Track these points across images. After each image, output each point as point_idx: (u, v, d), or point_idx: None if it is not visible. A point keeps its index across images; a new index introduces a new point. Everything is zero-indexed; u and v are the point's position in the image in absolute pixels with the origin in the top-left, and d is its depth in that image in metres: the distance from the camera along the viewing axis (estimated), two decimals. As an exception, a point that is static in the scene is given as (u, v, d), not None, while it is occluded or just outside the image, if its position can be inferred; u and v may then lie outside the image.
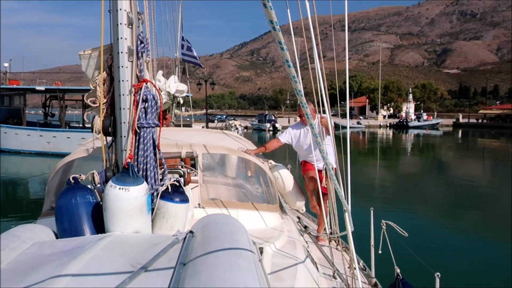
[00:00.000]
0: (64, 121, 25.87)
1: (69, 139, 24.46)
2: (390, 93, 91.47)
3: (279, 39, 1.70)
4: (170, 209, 2.70)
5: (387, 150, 37.40)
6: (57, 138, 24.52)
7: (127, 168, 2.60)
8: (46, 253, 2.15)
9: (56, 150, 24.07)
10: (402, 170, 26.06)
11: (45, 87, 26.00)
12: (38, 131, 24.99)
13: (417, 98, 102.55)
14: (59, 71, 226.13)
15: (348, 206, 2.92)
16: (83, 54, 2.77)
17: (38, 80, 29.49)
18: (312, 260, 3.48)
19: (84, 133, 25.34)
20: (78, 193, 2.67)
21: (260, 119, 59.13)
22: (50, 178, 3.89)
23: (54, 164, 4.02)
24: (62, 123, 25.57)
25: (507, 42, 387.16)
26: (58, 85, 26.13)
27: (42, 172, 19.98)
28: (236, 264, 1.74)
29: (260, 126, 55.75)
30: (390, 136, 54.27)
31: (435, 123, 75.66)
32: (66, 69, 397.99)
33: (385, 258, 4.01)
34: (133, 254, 2.02)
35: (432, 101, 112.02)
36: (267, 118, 58.01)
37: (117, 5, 2.65)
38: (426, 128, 67.54)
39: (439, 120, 79.01)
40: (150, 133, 2.75)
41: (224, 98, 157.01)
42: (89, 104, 2.74)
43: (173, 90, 5.99)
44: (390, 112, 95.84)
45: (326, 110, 3.34)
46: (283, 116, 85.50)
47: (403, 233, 3.92)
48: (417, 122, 72.35)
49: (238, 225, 2.29)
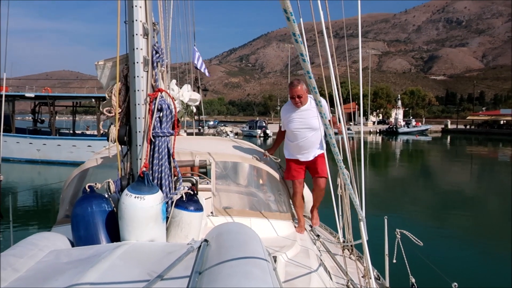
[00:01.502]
0: (55, 128, 25.61)
1: (59, 147, 24.19)
2: (379, 99, 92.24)
3: (301, 51, 1.72)
4: (184, 218, 2.72)
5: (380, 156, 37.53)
6: (47, 146, 24.21)
7: (142, 176, 2.63)
8: (63, 261, 2.17)
9: (46, 158, 23.80)
10: (403, 176, 25.97)
11: (35, 93, 25.72)
12: (27, 138, 24.67)
13: (406, 104, 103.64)
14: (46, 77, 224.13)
15: (363, 214, 2.92)
16: (99, 64, 2.80)
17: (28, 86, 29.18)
18: (326, 269, 3.47)
19: (75, 140, 25.12)
20: (94, 202, 2.69)
21: (251, 126, 59.07)
22: (65, 187, 3.89)
23: (45, 171, 4.01)
24: (52, 130, 25.29)
25: (492, 49, 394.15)
26: (48, 91, 25.89)
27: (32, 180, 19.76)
28: (252, 273, 1.74)
29: (251, 132, 55.73)
30: (380, 142, 54.54)
31: (424, 129, 76.47)
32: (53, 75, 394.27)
33: (399, 267, 3.97)
34: (149, 263, 2.03)
35: (420, 107, 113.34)
36: (258, 125, 57.97)
37: (133, 16, 2.69)
38: (415, 134, 68.21)
39: (428, 126, 79.87)
40: (165, 142, 2.78)
41: (213, 104, 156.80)
42: (104, 113, 2.76)
43: (187, 99, 6.02)
44: (380, 118, 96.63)
45: (339, 115, 3.35)
46: (273, 122, 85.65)
47: (418, 242, 3.87)
48: (406, 128, 73.01)
49: (252, 234, 2.30)
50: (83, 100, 29.49)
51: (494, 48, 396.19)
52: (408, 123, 76.61)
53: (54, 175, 20.18)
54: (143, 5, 2.70)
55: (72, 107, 29.43)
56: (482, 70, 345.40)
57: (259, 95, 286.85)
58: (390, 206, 15.01)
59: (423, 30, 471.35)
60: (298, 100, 4.27)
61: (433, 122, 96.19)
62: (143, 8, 2.71)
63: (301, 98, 4.26)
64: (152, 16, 2.80)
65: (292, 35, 1.63)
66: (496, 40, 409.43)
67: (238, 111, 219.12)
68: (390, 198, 17.61)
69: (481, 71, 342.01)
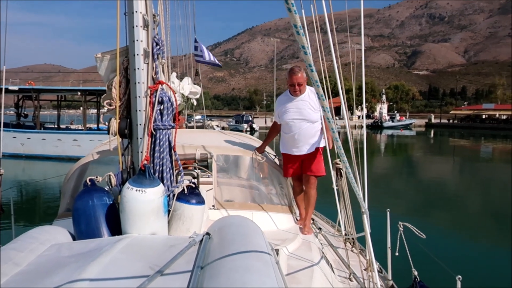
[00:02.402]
0: (39, 122, 25.15)
1: (44, 141, 23.80)
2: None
3: (303, 44, 1.69)
4: (186, 211, 2.72)
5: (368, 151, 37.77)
6: (32, 140, 23.80)
7: (144, 170, 2.61)
8: (64, 255, 2.15)
9: (30, 152, 23.38)
10: (393, 168, 26.11)
11: (19, 86, 25.19)
12: (11, 132, 24.19)
13: (390, 99, 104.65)
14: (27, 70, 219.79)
15: (366, 207, 2.93)
16: (99, 56, 2.76)
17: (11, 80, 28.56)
18: (328, 262, 3.48)
19: (60, 134, 24.70)
20: (95, 195, 2.67)
21: (237, 120, 58.96)
22: (65, 180, 3.85)
23: (29, 167, 3.96)
24: (37, 124, 24.84)
25: (473, 44, 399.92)
26: (32, 84, 25.39)
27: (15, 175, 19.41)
28: (254, 267, 1.74)
29: (237, 126, 55.63)
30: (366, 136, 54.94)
31: (408, 123, 77.44)
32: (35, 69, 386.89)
33: (402, 260, 3.94)
34: (151, 256, 2.03)
35: (404, 102, 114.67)
36: (244, 119, 57.91)
37: (132, 7, 2.66)
38: (400, 128, 69.03)
39: (412, 121, 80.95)
40: (166, 135, 2.77)
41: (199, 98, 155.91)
42: (105, 106, 2.73)
43: (187, 92, 5.97)
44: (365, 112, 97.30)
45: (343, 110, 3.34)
46: (258, 116, 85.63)
47: (420, 235, 3.83)
48: (391, 122, 73.86)
49: (254, 227, 2.31)
50: (68, 94, 29.00)
51: (476, 43, 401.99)
52: (393, 117, 77.47)
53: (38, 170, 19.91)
54: None
55: (57, 101, 28.89)
56: (464, 66, 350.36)
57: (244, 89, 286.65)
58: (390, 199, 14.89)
59: (406, 26, 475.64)
60: (297, 88, 4.03)
61: (416, 116, 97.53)
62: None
63: (301, 86, 4.03)
64: (152, 8, 2.77)
65: (293, 26, 1.60)
66: (477, 36, 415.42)
67: (223, 105, 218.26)
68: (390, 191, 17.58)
69: (463, 66, 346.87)
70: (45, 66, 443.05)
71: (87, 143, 22.31)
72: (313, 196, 4.22)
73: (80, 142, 22.75)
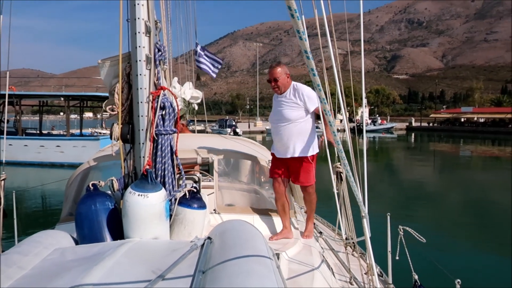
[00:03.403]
0: (21, 128, 24.67)
1: (26, 147, 23.35)
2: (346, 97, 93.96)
3: (305, 49, 1.72)
4: (188, 215, 2.75)
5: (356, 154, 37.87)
6: (14, 146, 23.32)
7: (146, 174, 2.64)
8: (68, 259, 2.16)
9: (12, 159, 22.90)
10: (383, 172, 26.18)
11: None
12: None
13: (371, 103, 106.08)
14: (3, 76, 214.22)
15: (366, 211, 2.93)
16: (101, 62, 2.78)
17: None
18: (328, 266, 3.49)
19: (43, 140, 24.24)
20: (98, 200, 2.68)
21: (220, 124, 58.93)
22: (68, 185, 3.84)
23: (10, 173, 3.93)
24: (19, 130, 24.37)
25: (451, 49, 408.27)
26: (13, 90, 24.92)
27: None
28: (256, 271, 1.75)
29: (221, 131, 55.50)
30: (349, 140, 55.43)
31: (389, 127, 78.49)
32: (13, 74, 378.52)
33: (402, 264, 3.94)
34: (153, 261, 2.04)
35: (385, 106, 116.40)
36: (227, 123, 57.92)
37: (135, 14, 2.69)
38: (382, 132, 69.89)
39: (394, 124, 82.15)
40: (168, 139, 2.79)
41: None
42: (107, 112, 2.75)
43: (188, 96, 5.97)
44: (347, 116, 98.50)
45: (342, 111, 3.36)
46: (241, 121, 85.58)
47: (421, 239, 3.82)
48: (373, 126, 74.72)
49: (255, 232, 2.33)
50: (51, 99, 28.53)
51: (453, 48, 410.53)
52: (374, 121, 78.40)
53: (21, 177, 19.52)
54: (145, 3, 2.71)
55: (39, 106, 28.40)
56: (442, 70, 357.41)
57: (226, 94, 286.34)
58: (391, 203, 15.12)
59: (385, 30, 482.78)
60: (274, 84, 3.80)
61: (397, 120, 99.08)
62: (145, 6, 2.71)
63: (277, 81, 3.78)
64: (155, 14, 2.81)
65: (296, 32, 1.63)
66: (455, 41, 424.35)
67: (206, 110, 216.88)
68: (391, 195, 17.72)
69: (441, 70, 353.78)
70: (23, 71, 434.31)
71: (70, 149, 22.00)
72: (313, 202, 4.03)
73: (63, 148, 22.43)
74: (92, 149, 21.65)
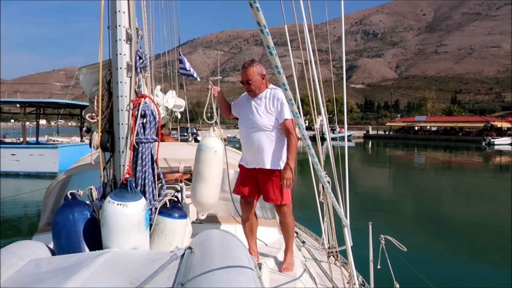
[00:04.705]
0: None
1: None
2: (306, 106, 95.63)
3: (276, 64, 1.68)
4: (168, 225, 2.70)
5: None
6: None
7: (125, 183, 2.59)
8: (43, 270, 2.09)
9: None
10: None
11: None
12: None
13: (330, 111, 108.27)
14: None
15: (347, 221, 2.99)
16: (81, 70, 2.73)
17: None
18: (311, 275, 3.48)
19: (16, 149, 22.92)
20: (76, 209, 2.60)
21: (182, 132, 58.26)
22: (47, 194, 3.70)
23: None
24: None
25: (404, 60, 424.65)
26: None
27: None
28: (236, 281, 1.75)
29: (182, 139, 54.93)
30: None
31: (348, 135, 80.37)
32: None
33: (384, 273, 3.96)
34: (132, 271, 2.01)
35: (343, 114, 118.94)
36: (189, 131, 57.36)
37: (116, 21, 2.65)
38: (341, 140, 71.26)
39: (352, 132, 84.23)
40: (148, 148, 2.75)
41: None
42: (87, 120, 2.70)
43: (171, 105, 5.86)
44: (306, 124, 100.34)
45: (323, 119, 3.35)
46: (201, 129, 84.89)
47: (402, 248, 3.82)
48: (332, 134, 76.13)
49: (236, 241, 2.32)
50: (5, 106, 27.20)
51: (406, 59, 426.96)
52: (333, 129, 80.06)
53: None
54: (126, 11, 2.68)
55: (23, 113, 26.94)
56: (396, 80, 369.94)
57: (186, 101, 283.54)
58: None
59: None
60: (247, 87, 3.44)
61: (354, 128, 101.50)
62: (126, 13, 2.68)
63: (250, 84, 3.41)
64: (136, 22, 2.78)
65: (266, 47, 1.62)
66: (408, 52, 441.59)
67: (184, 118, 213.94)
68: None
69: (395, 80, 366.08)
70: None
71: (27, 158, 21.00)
72: (290, 226, 3.52)
73: (19, 156, 21.37)
74: (50, 157, 20.75)
